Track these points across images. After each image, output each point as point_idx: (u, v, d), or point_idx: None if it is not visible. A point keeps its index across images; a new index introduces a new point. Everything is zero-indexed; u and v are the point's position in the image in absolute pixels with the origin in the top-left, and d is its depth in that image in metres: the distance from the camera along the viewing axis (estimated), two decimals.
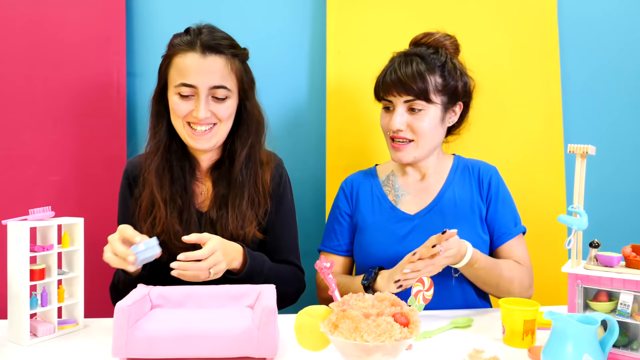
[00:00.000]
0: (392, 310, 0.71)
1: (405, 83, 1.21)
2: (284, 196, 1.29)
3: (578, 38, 1.68)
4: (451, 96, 1.26)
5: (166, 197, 1.18)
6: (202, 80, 1.15)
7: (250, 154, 1.23)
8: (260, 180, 1.24)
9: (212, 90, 1.16)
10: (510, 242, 1.27)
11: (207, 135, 1.18)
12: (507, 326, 0.96)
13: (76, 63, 1.52)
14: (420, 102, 1.22)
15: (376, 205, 1.32)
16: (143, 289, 0.98)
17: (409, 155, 1.26)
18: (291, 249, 1.30)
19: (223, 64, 1.17)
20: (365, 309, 0.71)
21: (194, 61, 1.15)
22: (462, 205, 1.27)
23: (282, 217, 1.28)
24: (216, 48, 1.17)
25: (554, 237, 1.60)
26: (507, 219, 1.28)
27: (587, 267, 0.88)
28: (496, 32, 1.63)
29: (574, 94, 1.68)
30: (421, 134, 1.24)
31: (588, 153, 0.88)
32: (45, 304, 0.99)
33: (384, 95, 1.26)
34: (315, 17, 1.65)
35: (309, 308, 0.76)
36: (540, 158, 1.63)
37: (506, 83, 1.63)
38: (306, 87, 1.65)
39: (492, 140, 1.62)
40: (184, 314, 0.94)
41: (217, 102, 1.17)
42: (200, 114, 1.14)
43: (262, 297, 0.93)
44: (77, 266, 1.05)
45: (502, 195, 1.29)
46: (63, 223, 1.02)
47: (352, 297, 0.74)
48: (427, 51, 1.26)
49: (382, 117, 1.29)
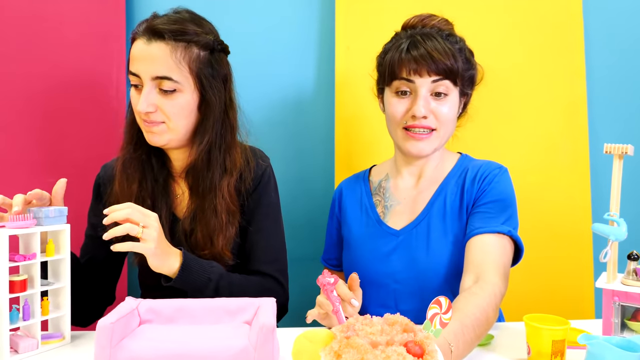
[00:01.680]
0: (403, 337, 0.62)
1: (438, 60, 1.05)
2: (262, 198, 1.15)
3: (604, 32, 1.57)
4: (467, 84, 1.14)
5: (133, 194, 1.09)
6: (143, 69, 1.04)
7: (211, 158, 1.09)
8: (226, 187, 1.09)
9: (156, 82, 1.05)
10: (485, 236, 1.01)
11: (155, 130, 1.07)
12: (532, 346, 0.86)
13: (74, 61, 1.46)
14: (446, 84, 1.08)
15: (364, 217, 1.20)
16: (131, 302, 0.90)
17: (431, 147, 1.11)
18: (271, 260, 1.13)
19: (167, 52, 1.04)
20: (372, 335, 0.61)
21: (139, 47, 1.05)
22: (452, 214, 1.11)
23: (258, 221, 1.14)
24: (160, 34, 1.04)
25: (577, 245, 1.50)
26: (491, 214, 1.06)
27: (625, 282, 0.79)
28: (517, 28, 1.53)
29: (600, 91, 1.57)
30: (444, 122, 1.09)
31: (627, 153, 0.78)
32: (27, 318, 0.91)
33: (405, 75, 1.08)
34: (323, 10, 1.56)
35: (309, 332, 0.67)
36: (563, 159, 1.52)
37: (527, 81, 1.53)
38: (314, 84, 1.56)
39: (511, 141, 1.52)
40: (174, 331, 0.85)
41: (164, 96, 1.05)
42: (139, 107, 1.04)
43: (260, 313, 0.84)
44: (63, 276, 0.97)
45: (496, 189, 1.09)
46: (48, 230, 0.95)
47: (358, 321, 0.64)
48: (443, 32, 1.12)
49: (394, 104, 1.11)
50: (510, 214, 1.08)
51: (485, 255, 1.00)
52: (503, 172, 1.13)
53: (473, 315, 0.87)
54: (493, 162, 1.16)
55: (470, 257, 1.01)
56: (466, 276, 0.99)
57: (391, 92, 1.13)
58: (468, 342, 0.84)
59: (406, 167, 1.19)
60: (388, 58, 1.12)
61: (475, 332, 0.86)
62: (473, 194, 1.11)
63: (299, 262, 1.44)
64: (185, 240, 1.11)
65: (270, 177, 1.18)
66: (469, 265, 1.01)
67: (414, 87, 1.09)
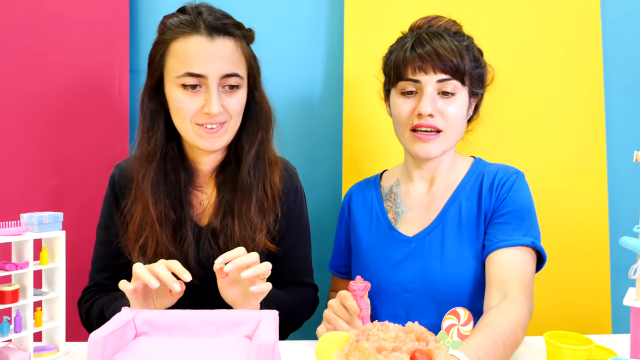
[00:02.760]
0: (413, 345, 0.62)
1: (444, 57, 1.01)
2: (300, 211, 1.16)
3: (622, 33, 1.50)
4: (476, 83, 1.09)
5: (160, 214, 1.03)
6: (212, 68, 0.98)
7: (259, 152, 1.08)
8: (269, 182, 1.08)
9: (223, 80, 1.00)
10: (508, 250, 0.98)
11: (218, 134, 1.02)
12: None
13: (76, 61, 1.42)
14: (453, 83, 1.03)
15: (374, 223, 1.15)
16: (128, 314, 0.86)
17: (439, 149, 1.06)
18: (306, 269, 1.18)
19: (233, 47, 1.01)
20: (384, 340, 0.64)
21: (200, 45, 0.98)
22: (468, 222, 1.06)
23: (298, 234, 1.16)
24: (224, 29, 1.00)
25: (593, 254, 1.44)
26: (512, 225, 1.02)
27: None
28: (532, 29, 1.47)
29: (618, 94, 1.50)
30: (452, 122, 1.05)
31: None
32: (19, 330, 0.87)
33: (411, 74, 1.04)
34: (332, 9, 1.51)
35: (330, 334, 0.72)
36: (580, 165, 1.46)
37: (543, 83, 1.47)
38: (322, 85, 1.52)
39: (525, 145, 1.46)
40: (170, 344, 0.81)
41: (228, 94, 1.02)
42: (213, 109, 0.98)
43: (261, 329, 0.79)
44: (58, 285, 0.93)
45: (514, 197, 1.05)
46: (42, 237, 0.91)
47: (375, 326, 0.67)
48: (450, 30, 1.08)
49: (400, 105, 1.07)
50: (532, 222, 1.04)
51: (510, 271, 0.97)
52: (520, 177, 1.09)
53: (504, 335, 0.84)
54: (509, 167, 1.11)
55: (493, 273, 0.98)
56: (491, 293, 0.96)
57: (397, 93, 1.09)
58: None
59: (417, 171, 1.14)
60: (393, 58, 1.09)
61: (505, 352, 0.83)
62: (491, 203, 1.06)
63: None
64: (211, 246, 1.06)
65: (301, 190, 1.19)
66: (493, 281, 0.97)
67: (419, 87, 1.05)
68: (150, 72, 1.05)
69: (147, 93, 1.05)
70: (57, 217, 0.93)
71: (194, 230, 1.07)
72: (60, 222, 0.93)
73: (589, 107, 1.46)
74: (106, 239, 1.12)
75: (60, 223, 0.93)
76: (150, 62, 1.05)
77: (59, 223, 0.93)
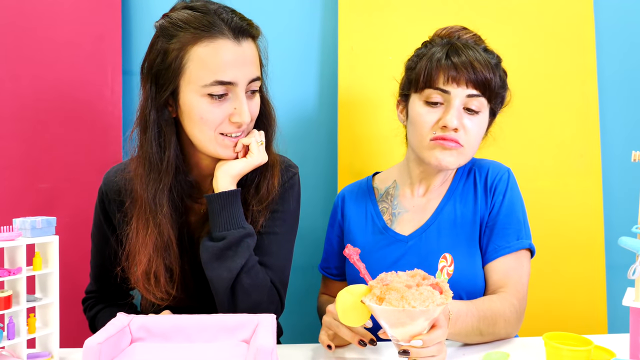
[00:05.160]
0: (428, 281, 0.77)
1: (478, 70, 0.99)
2: (283, 202, 1.05)
3: (615, 34, 1.51)
4: (498, 103, 1.08)
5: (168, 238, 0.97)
6: (241, 74, 0.91)
7: None
8: (266, 184, 1.02)
9: (248, 85, 0.94)
10: (505, 258, 1.03)
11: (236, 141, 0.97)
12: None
13: (67, 61, 1.41)
14: (480, 101, 1.02)
15: (369, 225, 1.15)
16: (123, 319, 0.84)
17: (457, 162, 1.04)
18: (274, 267, 1.02)
19: (255, 50, 0.95)
20: (403, 283, 0.76)
21: (228, 50, 0.90)
22: (463, 221, 1.07)
23: (274, 225, 1.03)
24: (248, 31, 0.93)
25: (588, 253, 1.44)
26: (507, 230, 1.05)
27: None
28: (526, 30, 1.47)
29: (612, 95, 1.51)
30: (472, 140, 1.03)
31: None
32: (12, 337, 0.86)
33: (442, 83, 1.00)
34: (326, 10, 1.51)
35: (350, 287, 0.81)
36: (574, 165, 1.46)
37: (537, 84, 1.47)
38: (316, 86, 1.51)
39: (520, 145, 1.46)
40: (166, 350, 0.80)
41: (250, 99, 0.95)
42: (245, 118, 0.92)
43: (259, 333, 0.78)
44: (52, 291, 0.91)
45: (508, 201, 1.07)
46: (36, 242, 0.89)
47: (388, 275, 0.78)
48: (480, 45, 1.07)
49: (423, 114, 1.03)
50: (524, 222, 1.08)
51: (506, 279, 1.03)
52: (511, 176, 1.11)
53: (482, 311, 0.93)
54: (499, 165, 1.13)
55: (491, 281, 1.05)
56: None
57: (420, 101, 1.05)
58: (468, 325, 0.90)
59: (421, 179, 1.13)
60: (423, 63, 1.04)
61: (479, 323, 0.92)
62: (487, 206, 1.08)
63: (300, 270, 1.38)
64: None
65: (295, 184, 1.09)
66: (490, 287, 1.05)
67: (447, 98, 1.02)
68: (159, 82, 0.93)
69: (154, 106, 0.93)
70: (50, 222, 0.91)
71: (192, 243, 1.04)
72: (54, 226, 0.91)
73: (583, 107, 1.47)
74: (100, 248, 1.10)
75: (54, 228, 0.91)
76: (164, 68, 0.92)
77: (52, 228, 0.91)
